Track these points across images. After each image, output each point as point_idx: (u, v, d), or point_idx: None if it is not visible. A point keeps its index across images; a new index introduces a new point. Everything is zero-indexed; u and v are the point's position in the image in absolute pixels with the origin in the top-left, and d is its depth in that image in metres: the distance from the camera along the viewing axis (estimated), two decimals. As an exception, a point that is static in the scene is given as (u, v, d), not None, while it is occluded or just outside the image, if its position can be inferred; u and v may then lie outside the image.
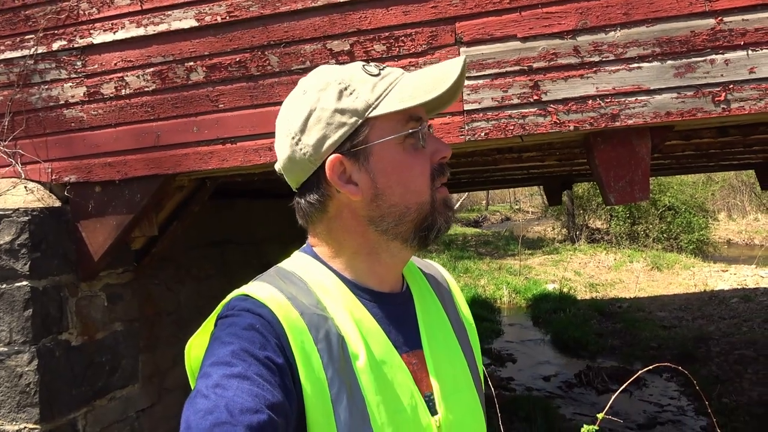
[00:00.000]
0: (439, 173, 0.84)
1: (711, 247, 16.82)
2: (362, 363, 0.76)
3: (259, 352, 0.70)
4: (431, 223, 0.83)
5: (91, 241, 2.87)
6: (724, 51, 2.21)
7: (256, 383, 0.67)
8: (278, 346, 0.72)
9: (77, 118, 2.84)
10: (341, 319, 0.79)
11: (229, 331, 0.72)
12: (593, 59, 2.30)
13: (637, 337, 7.65)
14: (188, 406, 0.66)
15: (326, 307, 0.79)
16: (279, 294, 0.77)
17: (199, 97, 2.69)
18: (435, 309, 0.93)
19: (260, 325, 0.73)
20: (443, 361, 0.87)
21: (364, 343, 0.78)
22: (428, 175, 0.83)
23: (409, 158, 0.82)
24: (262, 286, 0.80)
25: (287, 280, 0.82)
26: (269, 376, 0.69)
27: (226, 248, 4.37)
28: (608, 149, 2.40)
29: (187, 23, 2.69)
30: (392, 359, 0.80)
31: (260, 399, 0.65)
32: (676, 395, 5.77)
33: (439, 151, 0.84)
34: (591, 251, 14.63)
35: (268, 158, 2.62)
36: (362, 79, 0.81)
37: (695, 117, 2.25)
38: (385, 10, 2.49)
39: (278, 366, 0.70)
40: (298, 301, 0.77)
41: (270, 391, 0.67)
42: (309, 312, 0.76)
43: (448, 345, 0.90)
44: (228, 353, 0.69)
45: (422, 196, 0.82)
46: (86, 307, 2.93)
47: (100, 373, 2.98)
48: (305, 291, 0.80)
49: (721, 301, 9.22)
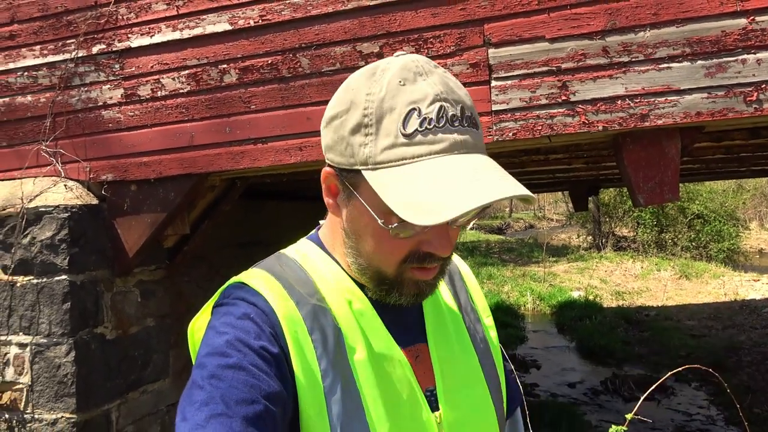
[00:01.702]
0: (416, 259, 0.73)
1: (742, 257, 16.45)
2: (359, 356, 0.74)
3: (254, 341, 0.69)
4: (389, 289, 0.76)
5: (127, 237, 2.96)
6: (756, 51, 2.19)
7: (251, 374, 0.66)
8: (273, 336, 0.71)
9: (115, 119, 2.94)
10: (340, 310, 0.76)
11: (224, 321, 0.71)
12: (622, 59, 2.31)
13: (665, 345, 7.52)
14: (184, 398, 0.66)
15: (325, 298, 0.77)
16: (275, 282, 0.76)
17: (232, 99, 2.77)
18: (445, 302, 0.90)
19: (255, 314, 0.72)
20: (450, 356, 0.84)
21: (362, 335, 0.76)
22: (400, 257, 0.73)
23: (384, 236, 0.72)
24: (260, 273, 0.78)
25: (287, 267, 0.80)
26: (265, 366, 0.68)
27: (255, 249, 4.44)
28: (637, 149, 2.39)
29: (221, 27, 2.77)
30: (392, 353, 0.77)
31: (256, 389, 0.65)
32: (705, 404, 5.66)
33: (433, 246, 0.72)
34: (617, 259, 14.42)
35: (298, 158, 2.68)
36: (389, 130, 0.68)
37: (726, 117, 2.23)
38: (414, 13, 2.53)
39: (273, 355, 0.69)
40: (295, 290, 0.76)
41: (266, 381, 0.67)
42: (305, 302, 0.75)
43: (458, 338, 0.87)
44: (223, 343, 0.68)
45: (384, 267, 0.75)
46: (120, 302, 3.02)
47: (133, 367, 3.06)
48: (304, 280, 0.78)
49: (752, 310, 9.01)
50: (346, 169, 0.73)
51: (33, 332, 2.75)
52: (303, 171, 3.15)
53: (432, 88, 0.69)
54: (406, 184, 0.66)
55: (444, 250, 0.72)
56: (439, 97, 0.68)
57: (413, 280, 0.75)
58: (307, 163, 2.71)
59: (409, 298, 0.76)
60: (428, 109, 0.67)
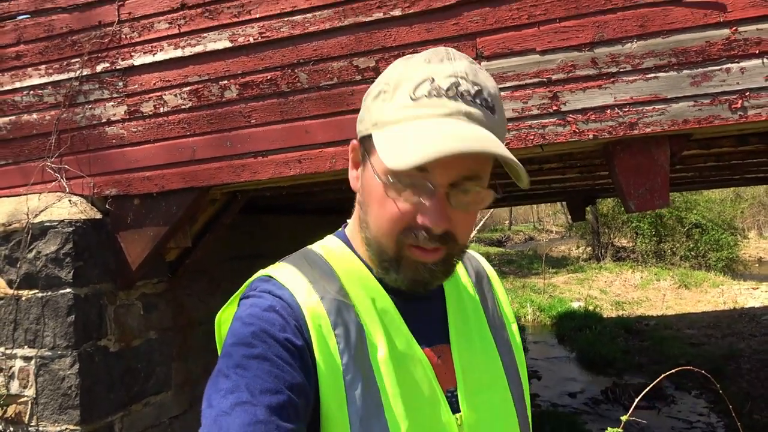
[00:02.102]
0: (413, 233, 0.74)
1: (741, 266, 16.48)
2: (381, 353, 0.75)
3: (279, 333, 0.70)
4: (386, 269, 0.77)
5: (130, 251, 3.01)
6: (739, 60, 2.27)
7: (276, 364, 0.67)
8: (297, 328, 0.72)
9: (118, 135, 3.00)
10: (363, 307, 0.77)
11: (250, 312, 0.73)
12: (611, 70, 2.38)
13: (664, 354, 7.53)
14: (210, 386, 0.67)
15: (349, 294, 0.78)
16: (301, 277, 0.77)
17: (233, 114, 2.84)
18: (471, 303, 0.89)
19: (280, 306, 0.73)
20: (473, 358, 0.83)
21: (384, 333, 0.76)
22: (398, 225, 0.74)
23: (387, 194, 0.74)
24: (286, 267, 0.80)
25: (313, 263, 0.81)
26: (289, 357, 0.69)
27: (256, 262, 4.48)
28: (627, 157, 2.46)
29: (221, 44, 2.85)
30: (413, 352, 0.77)
31: (280, 380, 0.66)
32: (705, 412, 5.67)
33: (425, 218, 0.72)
34: (617, 269, 14.46)
35: (297, 170, 2.74)
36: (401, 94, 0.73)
37: (712, 124, 2.30)
38: (409, 28, 2.61)
39: (298, 348, 0.70)
40: (320, 284, 0.77)
41: (290, 372, 0.68)
42: (330, 297, 0.76)
43: (482, 341, 0.86)
44: (249, 334, 0.70)
45: (386, 240, 0.76)
46: (123, 315, 3.06)
47: (136, 379, 3.09)
48: (330, 276, 0.79)
49: (751, 318, 9.04)
50: (364, 136, 0.78)
51: (38, 345, 2.79)
52: (302, 183, 3.21)
53: (454, 68, 0.72)
54: (400, 139, 0.69)
55: (437, 222, 0.72)
56: (458, 75, 0.71)
57: (411, 260, 0.75)
58: (306, 176, 2.77)
59: (407, 281, 0.76)
60: (442, 81, 0.71)
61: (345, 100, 2.69)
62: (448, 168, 0.71)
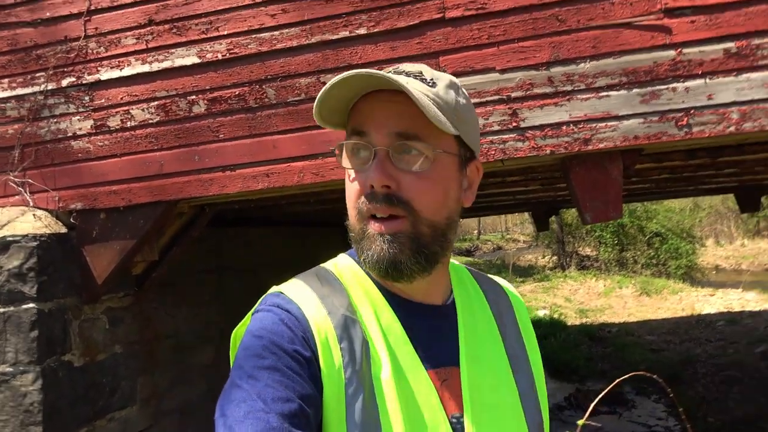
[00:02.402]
0: (367, 200, 0.78)
1: (699, 273, 17.05)
2: (383, 371, 0.75)
3: (288, 345, 0.72)
4: (360, 249, 0.80)
5: (95, 265, 2.99)
6: (684, 79, 2.42)
7: (286, 375, 0.70)
8: (305, 340, 0.74)
9: (84, 149, 2.99)
10: (370, 323, 0.79)
11: (261, 326, 0.76)
12: (566, 88, 2.51)
13: (626, 360, 7.74)
14: (223, 396, 0.70)
15: (357, 310, 0.79)
16: (310, 293, 0.80)
17: (201, 128, 2.87)
18: (487, 329, 0.88)
19: (288, 319, 0.75)
20: (484, 383, 0.81)
21: (388, 351, 0.77)
22: (355, 198, 0.80)
23: (348, 173, 0.82)
24: (297, 283, 0.82)
25: (324, 280, 0.83)
26: (298, 368, 0.71)
27: (223, 275, 4.49)
28: (583, 171, 2.58)
29: (189, 60, 2.88)
30: (416, 372, 0.77)
31: (291, 390, 0.69)
32: (663, 416, 5.85)
33: (368, 177, 0.77)
34: (581, 278, 14.79)
35: (265, 184, 2.78)
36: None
37: (661, 140, 2.44)
38: (374, 46, 2.69)
39: (306, 359, 0.72)
40: (328, 300, 0.79)
41: (300, 382, 0.70)
42: (337, 312, 0.77)
43: (496, 369, 0.85)
44: (259, 346, 0.72)
45: (351, 218, 0.82)
46: (89, 329, 3.04)
47: (101, 394, 3.06)
48: (340, 291, 0.81)
49: (707, 324, 9.37)
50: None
51: (-1, 362, 2.75)
52: (270, 197, 3.25)
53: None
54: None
55: (375, 177, 0.76)
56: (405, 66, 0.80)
57: (371, 234, 0.78)
58: (274, 189, 2.82)
59: (373, 260, 0.78)
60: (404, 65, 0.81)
61: (312, 116, 2.74)
62: (379, 127, 0.77)
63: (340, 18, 2.72)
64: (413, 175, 0.77)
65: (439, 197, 0.80)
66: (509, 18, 2.54)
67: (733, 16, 2.35)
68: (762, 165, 3.82)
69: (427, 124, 0.76)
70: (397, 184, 0.77)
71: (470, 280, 0.94)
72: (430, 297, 0.85)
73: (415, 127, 0.76)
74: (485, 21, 2.57)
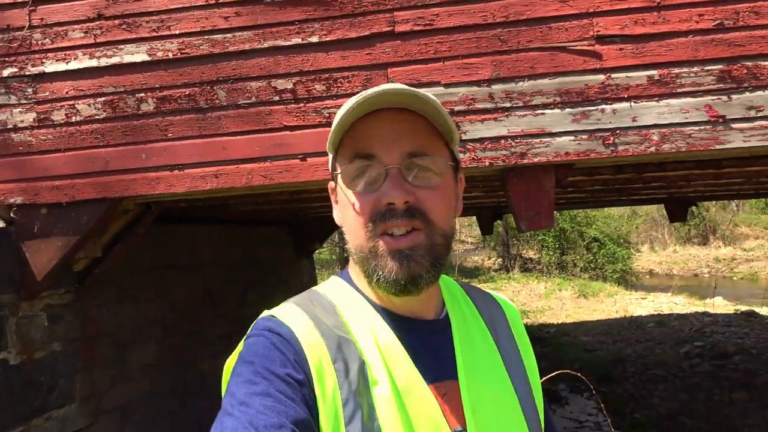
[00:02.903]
0: (380, 219, 0.78)
1: (633, 277, 17.94)
2: (383, 390, 0.75)
3: (279, 369, 0.72)
4: (372, 270, 0.80)
5: (35, 261, 2.94)
6: (612, 102, 2.61)
7: (278, 400, 0.69)
8: (297, 362, 0.74)
9: (26, 142, 2.94)
10: (365, 343, 0.78)
11: (252, 351, 0.75)
12: (505, 105, 2.66)
13: (561, 359, 8.10)
14: (215, 425, 0.69)
15: (351, 331, 0.79)
16: (302, 314, 0.80)
17: (149, 126, 2.87)
18: (482, 340, 0.88)
19: (279, 342, 0.75)
20: (484, 396, 0.81)
21: (386, 369, 0.76)
22: (364, 218, 0.79)
23: (350, 197, 0.81)
24: (288, 306, 0.82)
25: (316, 302, 0.83)
26: (291, 392, 0.71)
27: (168, 272, 4.45)
28: (519, 183, 2.74)
29: (139, 57, 2.87)
30: (417, 388, 0.77)
31: (283, 415, 0.68)
32: (594, 412, 6.19)
33: (385, 195, 0.78)
34: (524, 280, 15.31)
35: (214, 184, 2.81)
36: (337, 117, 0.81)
37: (589, 157, 2.63)
38: (326, 54, 2.77)
39: (298, 382, 0.72)
40: (321, 322, 0.79)
41: (292, 407, 0.69)
42: (330, 333, 0.77)
43: (494, 379, 0.85)
44: (251, 372, 0.72)
45: (358, 240, 0.81)
46: (26, 327, 2.98)
47: (38, 393, 3.01)
48: (332, 313, 0.81)
49: (638, 326, 9.91)
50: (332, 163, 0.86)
51: (-71, 359, 2.67)
52: (218, 196, 3.27)
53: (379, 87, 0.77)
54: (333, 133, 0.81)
55: (395, 194, 0.76)
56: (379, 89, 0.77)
57: (387, 251, 0.78)
58: (223, 190, 2.85)
59: (393, 273, 0.77)
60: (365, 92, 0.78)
61: (263, 119, 2.80)
62: (389, 148, 0.78)
63: (293, 25, 2.78)
64: (428, 188, 0.79)
65: (449, 207, 0.83)
66: (455, 35, 2.67)
67: (656, 47, 2.56)
68: (684, 180, 4.12)
69: (434, 139, 0.81)
70: (414, 197, 0.78)
71: (461, 293, 0.94)
72: (426, 312, 0.86)
73: (426, 144, 0.79)
74: (432, 37, 2.69)
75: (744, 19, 2.52)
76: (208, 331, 4.91)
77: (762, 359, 7.24)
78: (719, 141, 2.54)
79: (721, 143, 2.54)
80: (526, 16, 2.63)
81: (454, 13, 2.68)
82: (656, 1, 2.56)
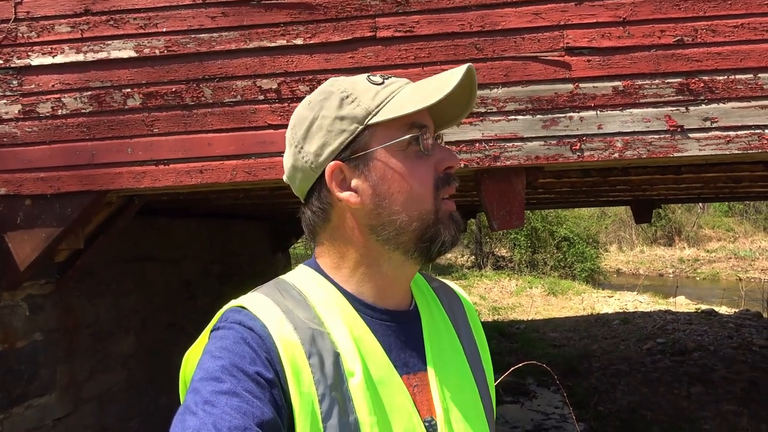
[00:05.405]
0: (444, 183, 0.81)
1: (601, 276, 18.42)
2: (357, 381, 0.74)
3: (249, 367, 0.69)
4: (434, 235, 0.80)
5: (18, 251, 2.98)
6: (579, 110, 2.78)
7: (245, 400, 0.66)
8: (268, 360, 0.71)
9: (10, 133, 2.98)
10: (339, 334, 0.76)
11: (220, 345, 0.72)
12: (480, 110, 2.81)
13: (530, 355, 8.35)
14: (176, 423, 0.66)
15: (324, 322, 0.77)
16: (274, 307, 0.76)
17: (135, 121, 2.94)
18: (445, 330, 0.89)
19: (251, 338, 0.72)
20: (451, 386, 0.83)
21: (361, 360, 0.75)
22: (431, 183, 0.80)
23: (411, 165, 0.79)
24: (258, 297, 0.78)
25: (286, 292, 0.80)
26: (259, 392, 0.68)
27: (146, 264, 4.50)
28: (492, 184, 2.90)
29: (126, 53, 2.94)
30: (391, 380, 0.77)
31: (249, 416, 0.65)
32: (560, 405, 6.43)
33: (445, 159, 0.81)
34: (496, 277, 15.61)
35: (198, 180, 2.90)
36: (364, 88, 0.80)
37: (558, 161, 2.79)
38: (309, 56, 2.88)
39: (268, 381, 0.69)
40: (293, 314, 0.76)
41: (259, 407, 0.66)
42: (303, 326, 0.75)
43: (458, 369, 0.86)
44: (218, 368, 0.69)
45: (424, 205, 0.79)
46: (8, 316, 3.02)
47: (19, 381, 3.06)
48: (303, 304, 0.79)
49: (604, 323, 10.23)
50: (351, 140, 0.80)
51: None
52: (201, 191, 3.35)
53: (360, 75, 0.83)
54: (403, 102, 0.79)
55: (453, 156, 0.82)
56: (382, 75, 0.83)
57: (448, 214, 0.81)
58: (207, 185, 2.94)
59: (451, 237, 0.81)
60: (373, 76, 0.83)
61: (247, 118, 2.89)
62: (428, 118, 0.82)
63: (278, 27, 2.88)
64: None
65: None
66: (434, 42, 2.81)
67: (621, 59, 2.73)
68: (647, 184, 4.35)
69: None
70: None
71: (424, 284, 0.95)
72: (400, 303, 0.86)
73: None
74: (412, 43, 2.82)
75: (702, 36, 2.71)
76: (185, 323, 4.97)
77: (719, 355, 7.59)
78: (677, 149, 2.73)
79: (679, 151, 2.73)
80: (501, 27, 2.78)
81: (433, 21, 2.81)
82: (622, 17, 2.74)
